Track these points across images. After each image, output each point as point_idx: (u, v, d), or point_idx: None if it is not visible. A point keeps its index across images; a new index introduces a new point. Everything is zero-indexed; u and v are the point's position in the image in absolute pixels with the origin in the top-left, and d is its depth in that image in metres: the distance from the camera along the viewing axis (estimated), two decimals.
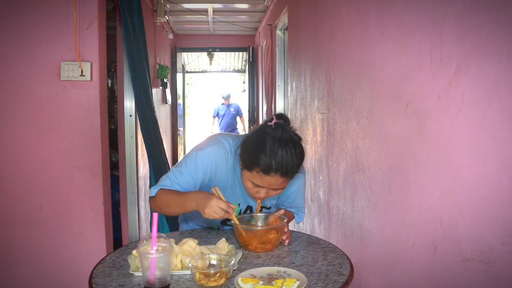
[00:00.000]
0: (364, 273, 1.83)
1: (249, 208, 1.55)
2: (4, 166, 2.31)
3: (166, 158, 3.07)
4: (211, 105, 11.30)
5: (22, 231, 2.34)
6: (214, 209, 1.28)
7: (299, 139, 1.36)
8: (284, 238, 1.41)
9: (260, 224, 1.44)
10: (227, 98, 8.81)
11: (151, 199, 1.45)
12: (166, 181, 1.44)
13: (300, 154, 1.34)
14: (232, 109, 8.73)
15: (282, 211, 1.46)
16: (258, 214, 1.48)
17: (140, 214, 3.26)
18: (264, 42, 5.38)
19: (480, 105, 1.05)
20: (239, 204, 1.54)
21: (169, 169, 2.86)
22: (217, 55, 8.23)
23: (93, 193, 2.36)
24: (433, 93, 1.25)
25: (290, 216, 1.63)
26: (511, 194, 0.96)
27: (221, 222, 1.56)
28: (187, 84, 9.97)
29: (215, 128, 8.89)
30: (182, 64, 7.79)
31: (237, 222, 1.37)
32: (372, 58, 1.72)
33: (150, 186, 2.92)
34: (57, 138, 2.32)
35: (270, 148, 1.29)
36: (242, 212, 1.55)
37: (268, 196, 1.39)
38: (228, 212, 1.30)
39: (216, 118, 8.80)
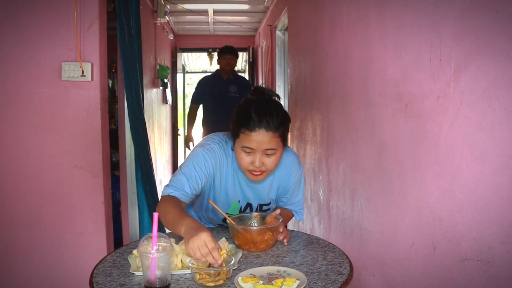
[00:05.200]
0: (364, 273, 1.84)
1: (249, 206, 1.56)
2: (5, 166, 2.31)
3: (151, 161, 3.03)
4: None
5: (23, 231, 2.34)
6: (194, 250, 1.16)
7: (278, 97, 1.46)
8: (281, 238, 1.42)
9: (254, 225, 1.44)
10: (226, 55, 4.26)
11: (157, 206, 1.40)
12: (169, 189, 1.40)
13: (281, 108, 1.41)
14: (233, 89, 4.24)
15: (278, 211, 1.48)
16: (255, 214, 1.49)
17: (139, 213, 3.26)
18: (264, 43, 5.39)
19: (479, 105, 1.05)
20: (239, 201, 1.55)
21: (153, 171, 2.82)
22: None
23: (93, 193, 2.36)
24: (432, 93, 1.25)
25: (288, 215, 1.64)
26: (510, 194, 0.97)
27: (222, 220, 1.56)
28: (187, 84, 9.95)
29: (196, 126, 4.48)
30: (183, 65, 7.80)
31: (232, 222, 1.38)
32: (371, 58, 1.73)
33: (138, 188, 2.86)
34: (58, 138, 2.32)
35: (251, 107, 1.36)
36: (242, 209, 1.56)
37: (264, 164, 1.37)
38: (212, 254, 1.15)
39: (202, 107, 4.35)
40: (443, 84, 1.20)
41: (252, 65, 6.88)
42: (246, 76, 7.82)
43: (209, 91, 4.32)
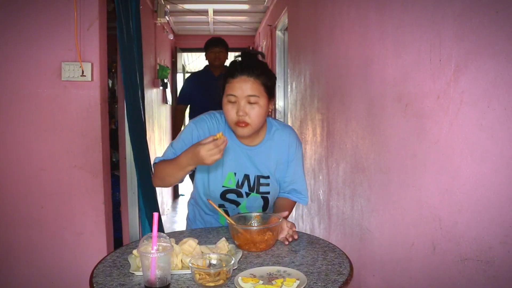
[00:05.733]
0: (364, 273, 1.84)
1: (246, 178, 1.55)
2: (5, 166, 2.31)
3: (150, 162, 2.95)
4: None
5: (23, 231, 2.34)
6: (210, 156, 1.31)
7: (263, 56, 1.56)
8: (281, 236, 1.41)
9: (254, 225, 1.44)
10: (213, 49, 3.67)
11: (152, 178, 1.55)
12: (160, 158, 1.54)
13: (265, 63, 1.49)
14: None
15: (286, 213, 1.47)
16: (255, 214, 1.49)
17: (141, 214, 3.26)
18: (264, 43, 5.39)
19: (479, 105, 1.05)
20: (235, 174, 1.53)
21: (151, 172, 2.80)
22: None
23: (93, 193, 2.36)
24: (432, 93, 1.25)
25: (291, 206, 1.63)
26: (509, 194, 0.97)
27: (221, 196, 1.55)
28: None
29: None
30: (183, 65, 7.79)
31: (232, 222, 1.38)
32: (371, 58, 1.73)
33: (138, 189, 2.85)
34: (58, 138, 2.32)
35: (237, 62, 1.47)
36: (240, 183, 1.54)
37: (248, 114, 1.42)
38: (220, 144, 1.31)
39: (189, 108, 3.82)
40: (443, 84, 1.20)
41: None
42: None
43: (198, 90, 3.75)
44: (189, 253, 1.24)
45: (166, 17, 4.62)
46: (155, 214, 1.15)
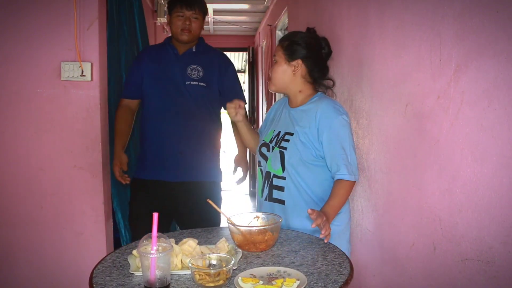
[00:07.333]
0: (364, 273, 1.84)
1: (278, 134, 1.73)
2: (5, 166, 2.31)
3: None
4: None
5: (22, 231, 2.34)
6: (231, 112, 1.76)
7: (313, 30, 1.82)
8: (322, 232, 1.36)
9: (255, 224, 1.44)
10: (181, 11, 2.12)
11: None
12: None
13: (299, 32, 1.78)
14: (195, 73, 2.15)
15: (309, 210, 1.38)
16: (255, 214, 1.48)
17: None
18: (264, 43, 5.39)
19: (480, 105, 1.05)
20: (274, 130, 1.77)
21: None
22: None
23: (93, 193, 2.36)
24: (433, 93, 1.25)
25: (335, 189, 1.56)
26: (510, 194, 0.97)
27: (259, 151, 1.81)
28: None
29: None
30: None
31: (232, 222, 1.38)
32: (372, 58, 1.73)
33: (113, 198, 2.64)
34: (58, 138, 2.32)
35: None
36: (273, 137, 1.74)
37: (271, 71, 1.73)
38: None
39: (142, 105, 2.24)
40: (443, 84, 1.20)
41: (252, 65, 6.89)
42: (246, 76, 7.76)
43: (151, 75, 2.23)
44: (189, 253, 1.24)
45: (166, 17, 4.63)
46: (155, 214, 1.14)
